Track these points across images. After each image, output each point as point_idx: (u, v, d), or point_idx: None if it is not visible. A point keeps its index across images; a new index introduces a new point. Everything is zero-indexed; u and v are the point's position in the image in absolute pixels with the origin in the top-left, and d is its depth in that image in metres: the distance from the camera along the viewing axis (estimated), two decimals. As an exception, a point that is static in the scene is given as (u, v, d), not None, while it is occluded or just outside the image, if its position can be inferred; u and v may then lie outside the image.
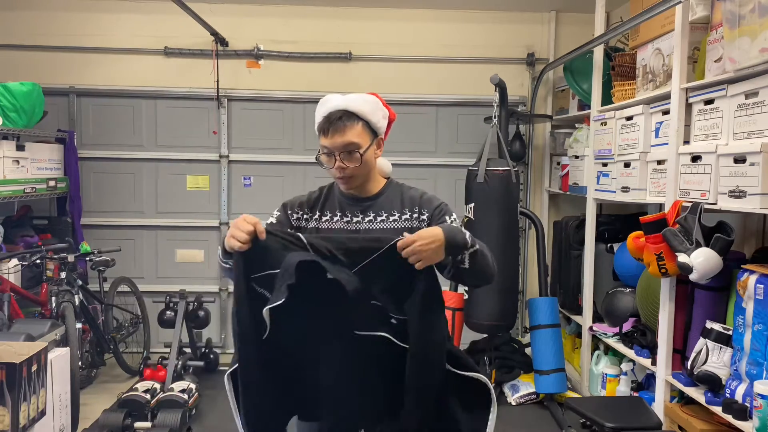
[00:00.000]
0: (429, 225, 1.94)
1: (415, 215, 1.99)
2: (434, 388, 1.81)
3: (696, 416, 2.77)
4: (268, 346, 1.77)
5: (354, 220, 1.99)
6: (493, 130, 4.12)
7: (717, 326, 2.65)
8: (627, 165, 3.49)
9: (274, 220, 2.02)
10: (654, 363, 3.14)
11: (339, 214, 2.00)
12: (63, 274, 3.93)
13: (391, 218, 1.98)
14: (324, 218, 2.01)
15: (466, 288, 4.08)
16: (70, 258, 3.94)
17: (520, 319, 5.04)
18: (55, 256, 3.92)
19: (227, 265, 1.84)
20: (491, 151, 4.02)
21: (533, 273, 5.00)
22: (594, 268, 4.08)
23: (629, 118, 3.49)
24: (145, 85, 4.88)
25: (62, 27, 4.81)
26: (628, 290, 3.78)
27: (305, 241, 1.77)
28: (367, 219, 1.98)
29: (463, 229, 1.89)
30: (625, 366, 3.72)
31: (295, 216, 2.02)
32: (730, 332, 2.58)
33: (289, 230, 1.91)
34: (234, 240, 1.73)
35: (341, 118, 1.89)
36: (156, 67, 4.88)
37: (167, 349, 4.24)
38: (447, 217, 1.96)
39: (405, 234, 1.73)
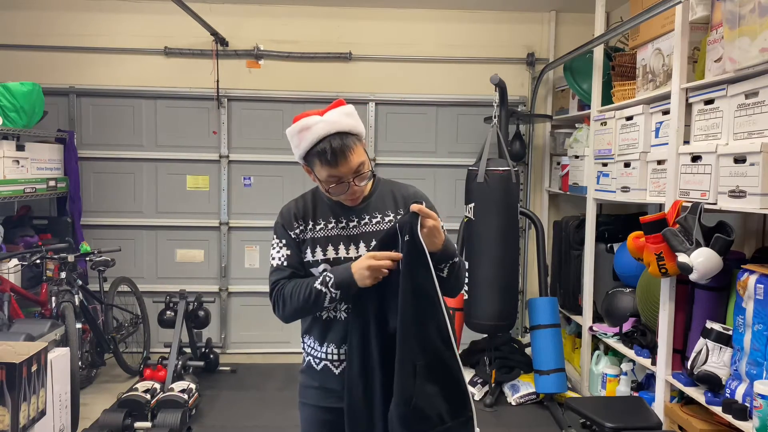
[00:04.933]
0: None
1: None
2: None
3: (696, 416, 2.77)
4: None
5: (350, 225, 1.95)
6: (493, 130, 4.12)
7: (717, 326, 2.65)
8: (627, 165, 3.49)
9: (288, 252, 1.97)
10: (654, 363, 3.14)
11: (333, 220, 1.96)
12: (63, 274, 3.93)
13: (387, 219, 1.96)
14: (318, 227, 1.96)
15: (466, 288, 4.08)
16: (70, 258, 3.94)
17: (520, 319, 5.04)
18: (55, 256, 3.91)
19: (334, 295, 1.86)
20: (491, 151, 4.02)
21: (533, 273, 5.00)
22: (594, 268, 4.08)
23: (629, 118, 3.49)
24: (145, 85, 4.88)
25: (62, 27, 4.81)
26: (628, 290, 3.78)
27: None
28: (363, 222, 1.96)
29: None
30: (625, 366, 3.72)
31: (294, 233, 1.98)
32: (730, 332, 2.59)
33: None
34: (379, 272, 1.80)
35: (341, 145, 1.82)
36: (156, 67, 4.88)
37: (167, 349, 4.24)
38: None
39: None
